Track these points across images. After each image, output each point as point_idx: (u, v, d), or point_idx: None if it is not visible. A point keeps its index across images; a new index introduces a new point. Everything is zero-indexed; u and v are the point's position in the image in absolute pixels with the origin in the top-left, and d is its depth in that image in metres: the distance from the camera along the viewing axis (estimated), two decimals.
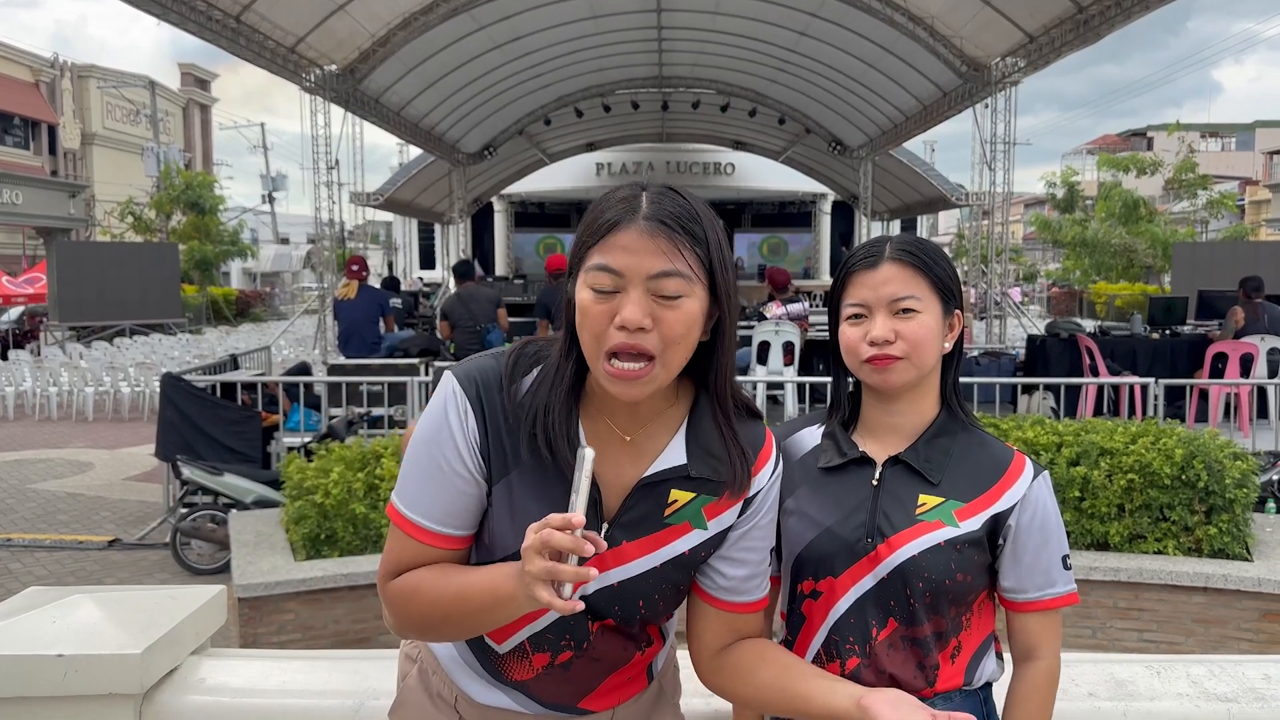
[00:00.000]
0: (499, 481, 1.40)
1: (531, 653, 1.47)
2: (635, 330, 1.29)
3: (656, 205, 1.33)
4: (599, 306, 1.31)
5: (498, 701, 1.53)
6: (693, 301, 1.33)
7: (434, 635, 1.47)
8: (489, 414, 1.40)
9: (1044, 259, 53.32)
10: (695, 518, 1.43)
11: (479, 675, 1.53)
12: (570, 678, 1.50)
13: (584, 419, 1.42)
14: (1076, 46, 11.68)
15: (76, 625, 1.99)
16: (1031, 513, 1.59)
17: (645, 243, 1.30)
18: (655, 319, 1.30)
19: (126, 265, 23.89)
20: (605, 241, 1.32)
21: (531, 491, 1.39)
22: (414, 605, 1.41)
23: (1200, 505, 6.05)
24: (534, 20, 14.80)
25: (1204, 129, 54.08)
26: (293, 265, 50.92)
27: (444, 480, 1.40)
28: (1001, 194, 15.28)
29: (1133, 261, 31.27)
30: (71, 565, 7.91)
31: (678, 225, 1.32)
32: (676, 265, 1.30)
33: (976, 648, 1.63)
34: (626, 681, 1.57)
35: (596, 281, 1.31)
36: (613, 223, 1.32)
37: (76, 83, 38.73)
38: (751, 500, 1.47)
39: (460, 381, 1.42)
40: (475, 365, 1.44)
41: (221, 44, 11.69)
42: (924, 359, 1.59)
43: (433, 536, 1.41)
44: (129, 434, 13.82)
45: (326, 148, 15.23)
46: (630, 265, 1.30)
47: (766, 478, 1.49)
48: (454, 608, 1.37)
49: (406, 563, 1.42)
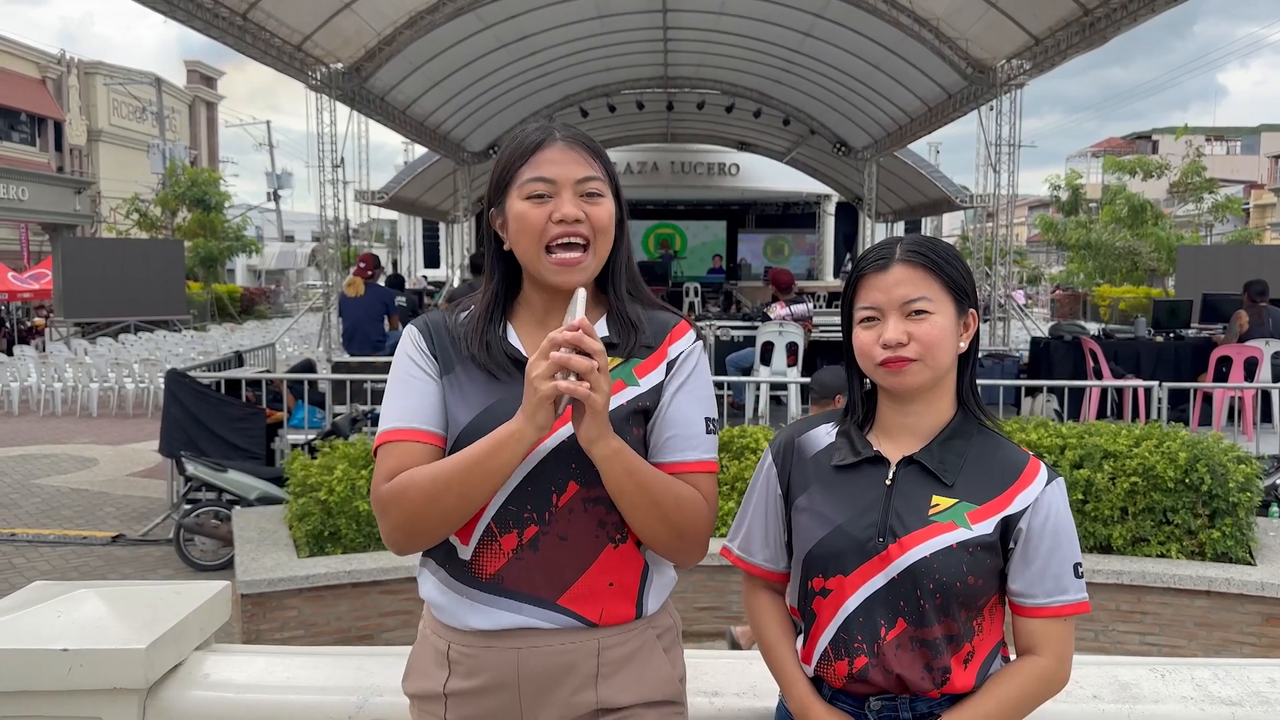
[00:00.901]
0: (447, 374, 1.63)
1: (499, 534, 1.56)
2: (573, 222, 1.56)
3: (566, 130, 1.64)
4: (536, 210, 1.58)
5: (486, 622, 1.57)
6: (608, 201, 1.62)
7: (429, 522, 1.53)
8: (434, 331, 1.68)
9: (1048, 261, 53.29)
10: (628, 377, 1.62)
11: (462, 595, 1.59)
12: (542, 561, 1.56)
13: (519, 329, 1.67)
14: (1082, 49, 11.67)
15: (81, 620, 2.00)
16: (1044, 517, 1.58)
17: (569, 154, 1.60)
18: (585, 213, 1.58)
19: (131, 262, 23.94)
20: (534, 159, 1.59)
21: (476, 378, 1.62)
22: (412, 490, 1.52)
23: (1204, 509, 6.04)
24: (540, 20, 14.80)
25: (1209, 132, 54.01)
26: (297, 263, 50.97)
27: (407, 386, 1.63)
28: (1006, 196, 15.27)
29: (1137, 264, 31.28)
30: (75, 561, 7.92)
31: (587, 144, 1.63)
32: (595, 171, 1.61)
33: (988, 652, 1.62)
34: (608, 588, 1.58)
35: (533, 190, 1.58)
36: (538, 143, 1.61)
37: (83, 79, 38.80)
38: (674, 362, 1.65)
39: (414, 324, 1.72)
40: (426, 314, 1.75)
41: (228, 41, 11.70)
42: (938, 360, 1.59)
43: (407, 433, 1.59)
44: (133, 430, 13.84)
45: (332, 146, 15.24)
46: (560, 173, 1.58)
47: (685, 345, 1.67)
48: (455, 471, 1.50)
49: (393, 466, 1.56)
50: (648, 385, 1.63)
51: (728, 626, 5.26)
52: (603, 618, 1.58)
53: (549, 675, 1.57)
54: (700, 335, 1.73)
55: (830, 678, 1.64)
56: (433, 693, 1.61)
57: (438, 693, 1.61)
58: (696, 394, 1.65)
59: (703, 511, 1.60)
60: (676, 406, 1.62)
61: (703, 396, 1.66)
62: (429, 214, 28.00)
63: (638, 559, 1.62)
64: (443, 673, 1.60)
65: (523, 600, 1.57)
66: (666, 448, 1.61)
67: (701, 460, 1.62)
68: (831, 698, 1.65)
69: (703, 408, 1.65)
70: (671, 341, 1.67)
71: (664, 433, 1.61)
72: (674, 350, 1.66)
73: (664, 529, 1.56)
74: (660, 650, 1.65)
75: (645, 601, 1.63)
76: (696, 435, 1.62)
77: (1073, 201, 35.72)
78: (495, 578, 1.57)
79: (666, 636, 1.68)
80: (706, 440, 1.63)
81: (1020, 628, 1.62)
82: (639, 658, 1.61)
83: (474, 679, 1.58)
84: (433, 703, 1.62)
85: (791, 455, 1.72)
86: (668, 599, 1.70)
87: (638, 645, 1.62)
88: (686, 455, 1.61)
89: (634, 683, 1.60)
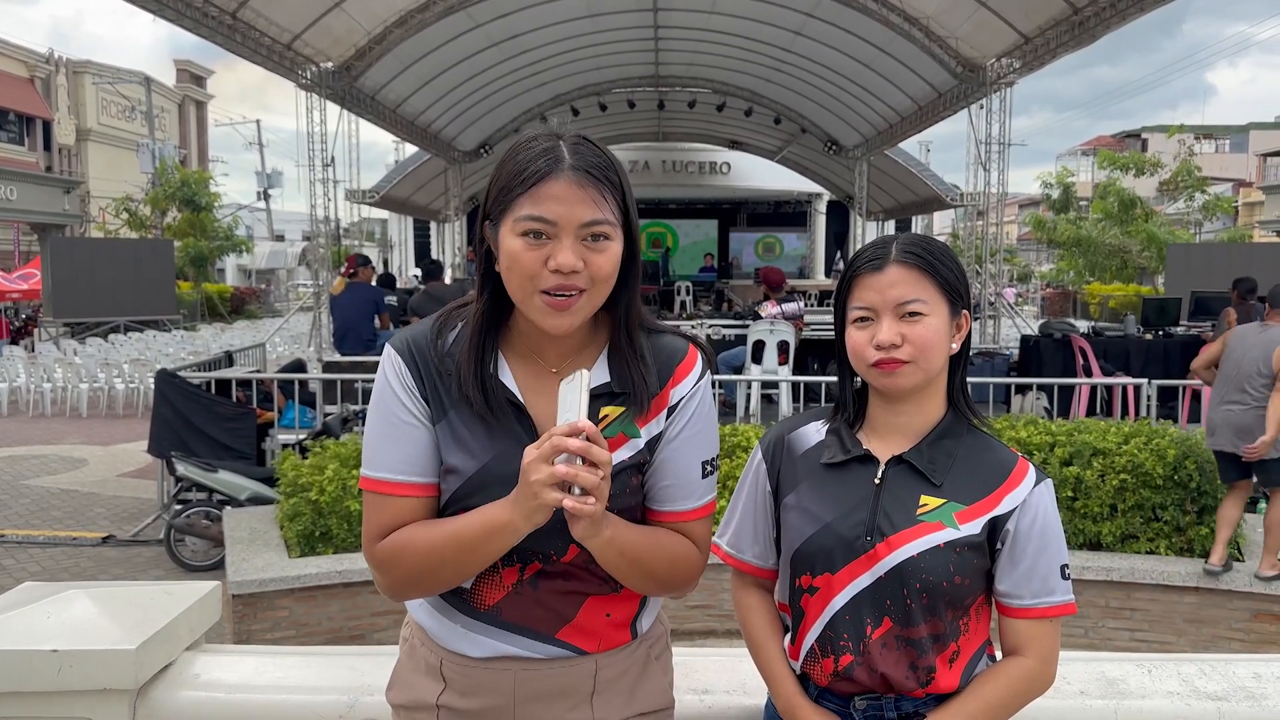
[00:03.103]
0: (440, 421, 1.51)
1: (502, 567, 1.52)
2: (569, 273, 1.40)
3: (580, 156, 1.43)
4: (532, 253, 1.41)
5: (479, 650, 1.55)
6: (615, 244, 1.45)
7: (426, 585, 1.52)
8: (422, 365, 1.52)
9: (1038, 259, 53.40)
10: (629, 428, 1.53)
11: (456, 623, 1.56)
12: (541, 599, 1.53)
13: (511, 360, 1.54)
14: (1072, 48, 11.70)
15: (71, 621, 1.99)
16: (1031, 518, 1.58)
17: (575, 192, 1.41)
18: (585, 261, 1.42)
19: (121, 261, 23.87)
20: (535, 191, 1.41)
21: (469, 424, 1.50)
22: (407, 557, 1.48)
23: (1192, 505, 6.08)
24: (530, 19, 14.79)
25: (1198, 131, 54.14)
26: (288, 262, 50.79)
27: (397, 432, 1.51)
28: (996, 194, 15.30)
29: (1126, 262, 31.37)
30: (65, 561, 7.90)
31: (602, 176, 1.43)
32: (604, 213, 1.42)
33: (974, 652, 1.63)
34: (606, 620, 1.57)
35: (529, 228, 1.41)
36: (542, 173, 1.41)
37: (72, 78, 38.58)
38: (675, 407, 1.56)
39: (395, 346, 1.56)
40: (408, 330, 1.59)
41: (217, 40, 11.65)
42: (931, 362, 1.59)
43: (399, 486, 1.50)
44: (123, 430, 13.80)
45: (322, 145, 15.18)
46: (563, 214, 1.40)
47: (688, 387, 1.57)
48: (448, 549, 1.45)
49: (386, 523, 1.50)
50: (647, 437, 1.55)
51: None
52: (600, 646, 1.58)
53: (545, 697, 1.56)
54: (709, 362, 1.63)
55: (816, 676, 1.64)
56: (424, 704, 1.59)
57: (430, 704, 1.58)
58: (697, 440, 1.58)
59: (694, 564, 1.60)
60: (674, 455, 1.56)
61: (702, 442, 1.59)
62: (420, 213, 27.95)
63: (635, 595, 1.61)
64: (435, 685, 1.58)
65: (519, 633, 1.55)
66: (663, 496, 1.57)
67: (697, 508, 1.59)
68: (818, 696, 1.66)
69: (702, 453, 1.59)
70: (675, 383, 1.56)
71: (660, 481, 1.56)
72: (676, 394, 1.56)
73: (652, 587, 1.58)
74: (653, 660, 1.66)
75: (640, 624, 1.63)
76: (693, 482, 1.58)
77: (1064, 199, 35.82)
78: (494, 609, 1.54)
79: (658, 645, 1.69)
80: (703, 485, 1.59)
81: (1006, 628, 1.62)
82: (633, 673, 1.62)
83: (470, 699, 1.56)
84: (423, 713, 1.59)
85: (781, 452, 1.72)
86: (659, 609, 1.71)
87: (632, 662, 1.62)
88: (683, 505, 1.57)
89: (629, 697, 1.60)
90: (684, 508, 1.57)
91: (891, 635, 1.58)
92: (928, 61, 14.04)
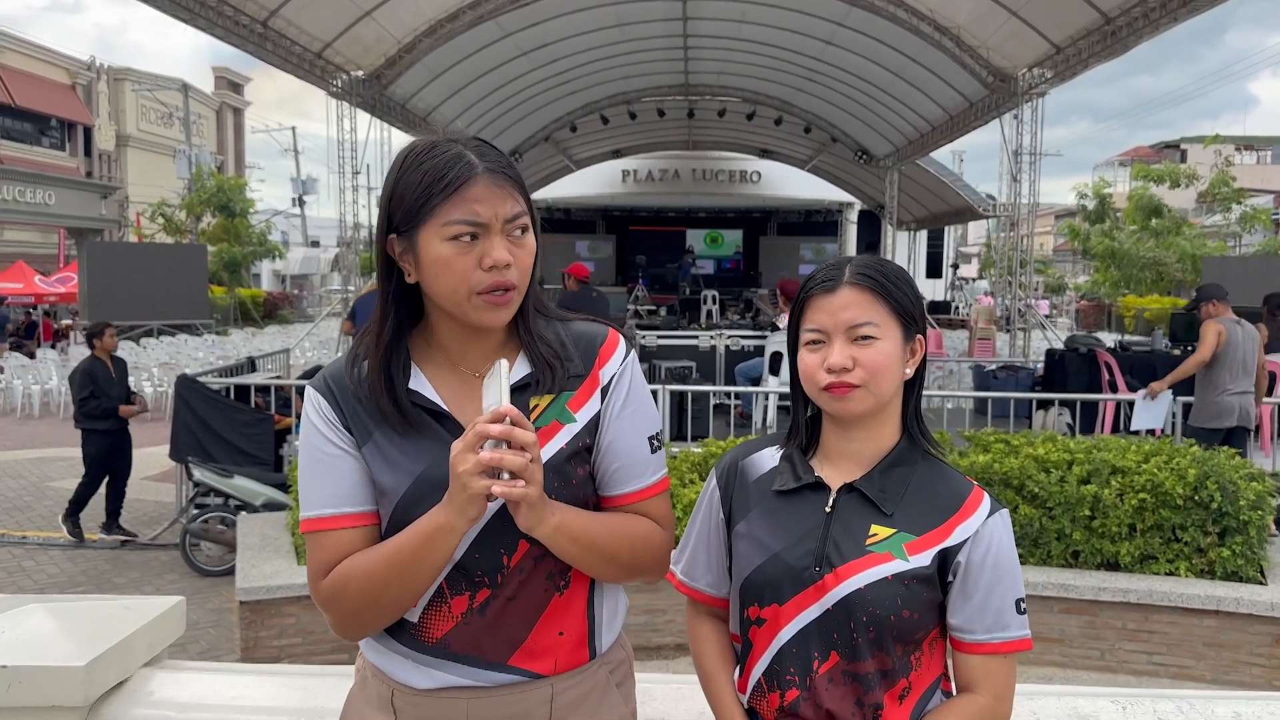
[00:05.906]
0: (366, 444, 1.51)
1: (450, 596, 1.49)
2: (504, 268, 1.43)
3: (487, 158, 1.46)
4: (465, 256, 1.43)
5: (430, 682, 1.51)
6: (531, 235, 1.50)
7: (375, 614, 1.48)
8: (340, 396, 1.53)
9: (1074, 271, 52.84)
10: (562, 414, 1.53)
11: (405, 656, 1.53)
12: (490, 624, 1.50)
13: (432, 371, 1.54)
14: (1104, 58, 11.57)
15: (25, 636, 1.98)
16: (984, 550, 1.52)
17: (495, 191, 1.44)
18: (513, 255, 1.45)
19: (156, 266, 24.20)
20: (460, 195, 1.42)
21: (395, 441, 1.50)
22: (351, 587, 1.45)
23: (1213, 526, 5.94)
24: (560, 28, 14.83)
25: (1239, 141, 53.40)
26: (321, 268, 51.26)
27: (324, 466, 1.51)
28: (1028, 205, 15.15)
29: (1162, 275, 30.94)
30: (84, 564, 7.96)
31: (511, 173, 1.48)
32: (520, 205, 1.47)
33: (926, 688, 1.57)
34: (559, 638, 1.54)
35: (459, 232, 1.42)
36: (462, 178, 1.43)
37: (112, 85, 39.23)
38: (608, 387, 1.58)
39: (313, 385, 1.57)
40: (326, 368, 1.60)
41: (248, 49, 11.79)
42: (882, 387, 1.54)
43: (334, 520, 1.49)
44: (150, 433, 13.91)
45: (353, 152, 15.34)
46: (489, 214, 1.43)
47: (616, 364, 1.59)
48: (390, 569, 1.43)
49: (328, 559, 1.48)
50: (584, 419, 1.55)
51: None
52: (556, 668, 1.54)
53: None
54: (631, 342, 1.66)
55: (763, 710, 1.59)
56: None
57: None
58: (636, 417, 1.58)
59: (658, 543, 1.58)
60: (618, 435, 1.56)
61: (643, 418, 1.59)
62: None
63: (582, 601, 1.57)
64: (386, 718, 1.54)
65: (469, 664, 1.51)
66: (614, 480, 1.56)
67: (651, 484, 1.58)
68: None
69: (644, 429, 1.59)
70: (602, 364, 1.58)
71: (610, 464, 1.56)
72: (605, 373, 1.58)
73: (620, 573, 1.56)
74: (613, 687, 1.61)
75: (598, 642, 1.59)
76: (643, 460, 1.58)
77: (1100, 210, 35.42)
78: (441, 642, 1.50)
79: (619, 671, 1.64)
80: (654, 461, 1.59)
81: (959, 663, 1.56)
82: (591, 699, 1.57)
83: None
84: None
85: (735, 479, 1.67)
86: (620, 631, 1.66)
87: (590, 686, 1.57)
88: (636, 484, 1.57)
89: None
90: (638, 486, 1.57)
91: (838, 670, 1.52)
92: (958, 71, 13.94)
